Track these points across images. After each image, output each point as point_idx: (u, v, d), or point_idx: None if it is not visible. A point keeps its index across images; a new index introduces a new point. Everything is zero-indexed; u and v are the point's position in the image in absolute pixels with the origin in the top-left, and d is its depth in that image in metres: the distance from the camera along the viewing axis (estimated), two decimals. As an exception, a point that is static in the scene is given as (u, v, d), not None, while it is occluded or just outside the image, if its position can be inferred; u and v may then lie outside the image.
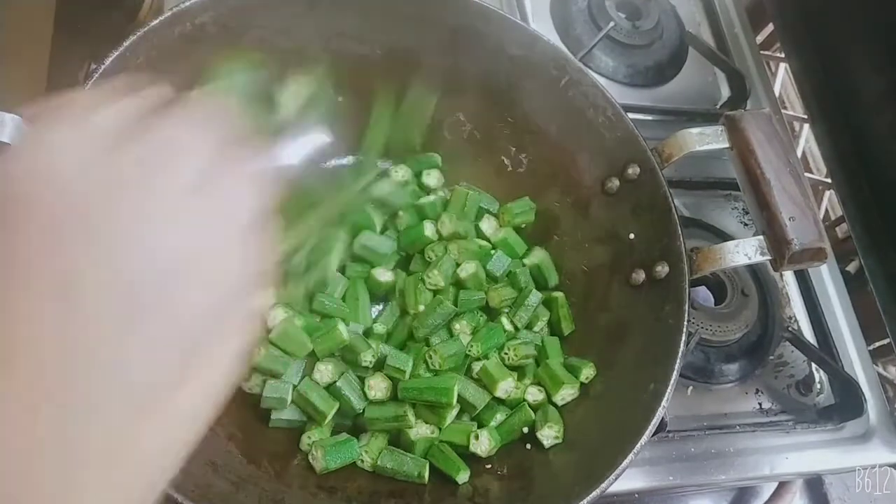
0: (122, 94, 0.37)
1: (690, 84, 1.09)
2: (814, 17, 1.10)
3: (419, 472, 0.68)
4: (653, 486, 0.81)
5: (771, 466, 0.84)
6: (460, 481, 0.69)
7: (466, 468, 0.69)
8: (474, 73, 0.83)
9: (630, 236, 0.77)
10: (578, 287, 0.82)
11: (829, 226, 1.24)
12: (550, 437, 0.71)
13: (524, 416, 0.73)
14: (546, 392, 0.75)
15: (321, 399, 0.69)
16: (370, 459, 0.69)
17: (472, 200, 0.83)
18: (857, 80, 1.03)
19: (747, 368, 0.90)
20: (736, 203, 1.03)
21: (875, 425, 0.91)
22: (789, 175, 0.70)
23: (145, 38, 0.66)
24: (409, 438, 0.71)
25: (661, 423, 0.65)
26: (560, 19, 1.06)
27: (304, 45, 0.79)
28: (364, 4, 0.78)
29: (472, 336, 0.77)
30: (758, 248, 0.69)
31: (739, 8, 1.18)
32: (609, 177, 0.79)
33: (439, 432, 0.72)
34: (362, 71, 0.82)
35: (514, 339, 0.78)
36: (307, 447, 0.69)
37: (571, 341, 0.79)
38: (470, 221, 0.83)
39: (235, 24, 0.73)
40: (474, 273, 0.78)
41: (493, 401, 0.74)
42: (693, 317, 0.86)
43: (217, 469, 0.61)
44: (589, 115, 0.79)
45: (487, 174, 0.88)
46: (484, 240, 0.83)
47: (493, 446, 0.71)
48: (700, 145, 0.72)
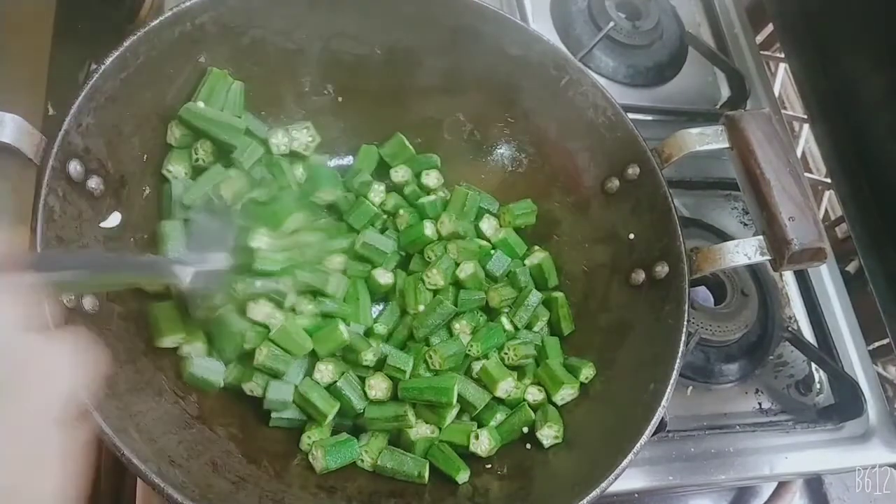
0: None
1: (690, 84, 1.09)
2: (814, 17, 1.10)
3: (419, 471, 0.68)
4: (653, 486, 0.81)
5: (771, 466, 0.84)
6: (460, 481, 0.69)
7: (466, 468, 0.69)
8: (474, 73, 0.83)
9: (630, 236, 0.78)
10: (578, 287, 0.82)
11: (829, 226, 1.24)
12: (550, 437, 0.71)
13: (524, 415, 0.73)
14: (546, 392, 0.75)
15: (322, 399, 0.69)
16: (370, 459, 0.69)
17: (471, 200, 0.83)
18: (857, 80, 1.03)
19: (747, 368, 0.90)
20: (736, 203, 1.03)
21: (875, 425, 0.91)
22: (789, 175, 0.70)
23: (145, 38, 0.66)
24: (409, 438, 0.71)
25: (661, 423, 0.65)
26: (560, 19, 1.06)
27: (304, 46, 0.79)
28: (364, 4, 0.78)
29: (471, 336, 0.77)
30: (757, 248, 0.69)
31: (739, 8, 1.19)
32: (609, 177, 0.79)
33: (439, 432, 0.72)
34: (362, 71, 0.82)
35: (514, 339, 0.78)
36: (307, 447, 0.69)
37: (571, 341, 0.79)
38: (470, 221, 0.83)
39: (235, 24, 0.73)
40: (473, 273, 0.78)
41: (493, 401, 0.74)
42: (693, 317, 0.86)
43: (217, 469, 0.61)
44: (589, 115, 0.79)
45: (487, 174, 0.88)
46: (484, 240, 0.83)
47: (493, 446, 0.71)
48: (700, 145, 0.72)
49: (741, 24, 1.17)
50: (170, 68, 0.70)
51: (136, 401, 0.60)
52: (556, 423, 0.72)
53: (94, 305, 0.60)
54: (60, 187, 0.59)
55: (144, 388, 0.62)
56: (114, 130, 0.65)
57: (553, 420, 0.72)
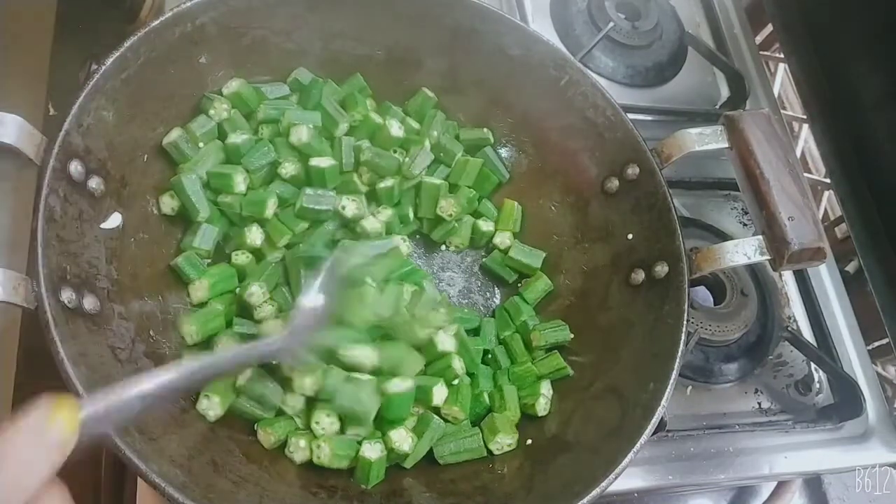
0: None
1: (690, 84, 1.09)
2: (813, 17, 1.10)
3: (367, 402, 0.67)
4: (652, 486, 0.81)
5: (770, 466, 0.85)
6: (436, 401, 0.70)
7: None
8: (474, 74, 0.83)
9: (629, 236, 0.78)
10: (578, 287, 0.82)
11: (828, 226, 1.25)
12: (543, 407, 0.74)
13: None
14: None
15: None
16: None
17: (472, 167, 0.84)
18: (856, 80, 1.03)
19: (746, 368, 0.90)
20: (735, 203, 1.03)
21: (874, 425, 0.91)
22: (788, 175, 0.70)
23: (146, 38, 0.66)
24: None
25: (661, 423, 0.66)
26: (560, 20, 1.06)
27: (305, 46, 0.79)
28: (364, 5, 0.78)
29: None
30: (757, 247, 0.69)
31: (739, 8, 1.19)
32: (609, 177, 0.79)
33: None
34: (362, 71, 0.82)
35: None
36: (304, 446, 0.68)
37: (571, 341, 0.79)
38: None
39: (236, 24, 0.73)
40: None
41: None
42: (692, 316, 0.86)
43: (218, 468, 0.61)
44: (588, 115, 0.79)
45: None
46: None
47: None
48: (699, 145, 0.73)
49: (741, 24, 1.17)
50: (170, 69, 0.70)
51: (136, 400, 0.60)
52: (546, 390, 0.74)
53: (94, 305, 0.60)
54: (61, 187, 0.59)
55: (145, 388, 0.62)
56: (115, 130, 0.65)
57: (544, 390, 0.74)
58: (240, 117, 0.77)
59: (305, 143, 0.75)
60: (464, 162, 0.83)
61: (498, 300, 0.85)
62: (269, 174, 0.76)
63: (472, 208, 0.85)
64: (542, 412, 0.75)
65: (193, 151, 0.73)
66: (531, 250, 0.83)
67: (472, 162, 0.83)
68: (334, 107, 0.79)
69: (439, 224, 0.83)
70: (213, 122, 0.75)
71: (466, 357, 0.75)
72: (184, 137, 0.72)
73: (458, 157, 0.83)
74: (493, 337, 0.80)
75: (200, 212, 0.72)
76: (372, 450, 0.66)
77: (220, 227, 0.74)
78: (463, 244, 0.85)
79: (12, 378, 0.73)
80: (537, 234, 0.85)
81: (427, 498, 0.68)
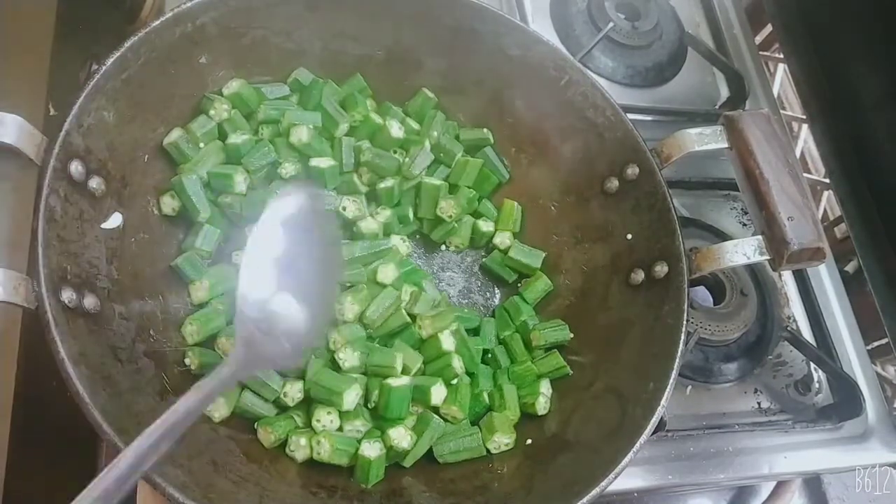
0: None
1: (689, 85, 1.10)
2: (813, 17, 1.10)
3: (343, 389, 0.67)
4: (652, 485, 0.81)
5: (769, 466, 0.85)
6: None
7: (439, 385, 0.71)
8: (474, 74, 0.83)
9: (629, 236, 0.78)
10: (578, 287, 0.82)
11: (828, 226, 1.25)
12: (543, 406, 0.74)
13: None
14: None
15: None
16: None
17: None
18: (856, 80, 1.04)
19: (746, 368, 0.90)
20: (735, 203, 1.03)
21: (873, 425, 0.91)
22: (788, 175, 0.70)
23: (146, 38, 0.66)
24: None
25: (661, 423, 0.66)
26: (560, 20, 1.07)
27: (305, 46, 0.79)
28: (364, 5, 0.78)
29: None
30: (756, 247, 0.69)
31: (738, 9, 1.19)
32: (608, 177, 0.79)
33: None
34: (362, 71, 0.83)
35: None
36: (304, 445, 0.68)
37: (571, 341, 0.79)
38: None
39: (236, 24, 0.74)
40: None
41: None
42: (692, 316, 0.86)
43: (218, 468, 0.61)
44: (588, 115, 0.79)
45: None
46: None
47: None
48: (699, 145, 0.73)
49: (740, 24, 1.17)
50: (171, 69, 0.70)
51: (136, 400, 0.60)
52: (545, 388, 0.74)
53: (95, 305, 0.60)
54: (62, 187, 0.59)
55: (145, 388, 0.62)
56: (115, 131, 0.66)
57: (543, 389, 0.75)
58: (240, 117, 0.77)
59: (305, 143, 0.76)
60: (464, 162, 0.83)
61: (498, 300, 0.85)
62: (269, 174, 0.77)
63: (472, 208, 0.85)
64: (542, 411, 0.75)
65: (194, 152, 0.73)
66: (531, 250, 0.84)
67: (472, 162, 0.83)
68: (334, 107, 0.79)
69: (439, 224, 0.83)
70: (214, 123, 0.75)
71: (466, 356, 0.75)
72: (184, 138, 0.73)
73: (458, 158, 0.83)
74: (492, 336, 0.80)
75: (201, 212, 0.72)
76: (371, 448, 0.67)
77: (220, 229, 0.75)
78: (463, 244, 0.85)
79: (12, 378, 0.73)
80: (537, 234, 0.85)
81: (427, 497, 0.68)
